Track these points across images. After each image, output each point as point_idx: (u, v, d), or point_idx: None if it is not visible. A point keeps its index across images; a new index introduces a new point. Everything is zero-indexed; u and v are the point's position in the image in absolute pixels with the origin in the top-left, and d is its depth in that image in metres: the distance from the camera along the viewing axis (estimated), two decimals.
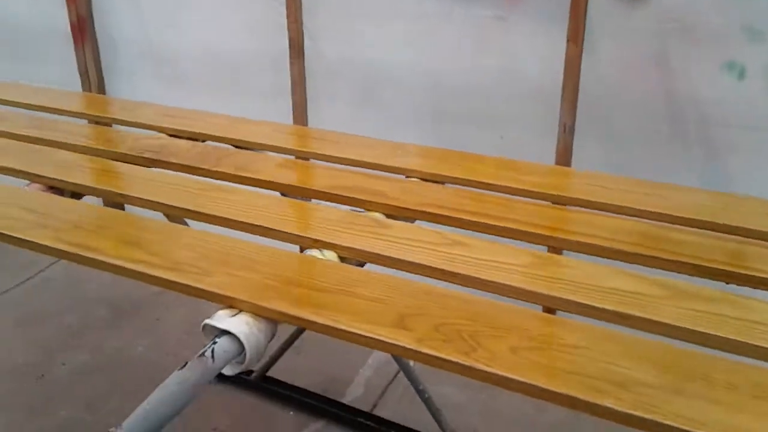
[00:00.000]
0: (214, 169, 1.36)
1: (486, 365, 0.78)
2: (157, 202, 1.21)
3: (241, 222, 1.14)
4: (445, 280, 1.00)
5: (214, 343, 0.87)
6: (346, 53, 2.46)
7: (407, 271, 1.02)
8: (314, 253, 1.06)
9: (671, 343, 0.83)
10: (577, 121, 2.13)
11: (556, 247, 1.14)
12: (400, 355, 0.88)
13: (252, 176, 1.33)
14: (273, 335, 0.93)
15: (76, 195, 1.31)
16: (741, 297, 0.93)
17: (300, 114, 2.59)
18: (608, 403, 0.71)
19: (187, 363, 0.86)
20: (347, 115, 2.54)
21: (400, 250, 1.04)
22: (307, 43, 2.50)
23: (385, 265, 1.04)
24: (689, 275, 1.03)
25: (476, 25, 2.22)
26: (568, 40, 2.06)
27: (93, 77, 2.98)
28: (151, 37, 2.84)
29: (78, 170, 1.35)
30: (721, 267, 1.01)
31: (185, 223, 1.23)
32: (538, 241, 1.12)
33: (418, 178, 1.37)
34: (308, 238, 1.08)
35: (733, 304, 0.91)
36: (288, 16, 2.46)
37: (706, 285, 0.98)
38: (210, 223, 1.17)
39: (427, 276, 1.01)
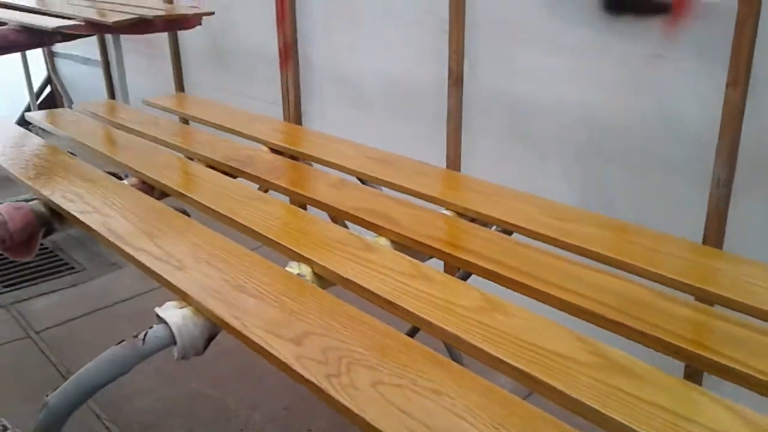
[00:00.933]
0: (267, 178, 1.50)
1: (344, 397, 0.79)
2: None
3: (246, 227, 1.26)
4: (389, 311, 1.00)
5: (151, 328, 0.99)
6: (502, 84, 2.46)
7: (358, 294, 1.04)
8: (292, 267, 1.13)
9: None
10: (736, 175, 1.89)
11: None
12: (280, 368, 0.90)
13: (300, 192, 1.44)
14: (213, 334, 1.02)
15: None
16: (684, 383, 0.80)
17: (453, 144, 2.65)
18: None
19: (123, 341, 0.99)
20: (496, 148, 2.53)
21: (369, 276, 1.07)
22: (466, 71, 2.55)
23: (345, 287, 1.07)
24: None
25: (634, 62, 2.09)
26: (727, 85, 1.85)
27: (292, 96, 3.35)
28: (339, 62, 3.11)
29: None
30: None
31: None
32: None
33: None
34: (293, 250, 1.16)
35: (672, 392, 0.79)
36: (450, 45, 2.54)
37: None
38: (231, 226, 1.31)
39: (375, 303, 1.02)
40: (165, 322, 0.99)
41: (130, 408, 2.28)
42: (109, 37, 3.92)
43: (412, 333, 0.99)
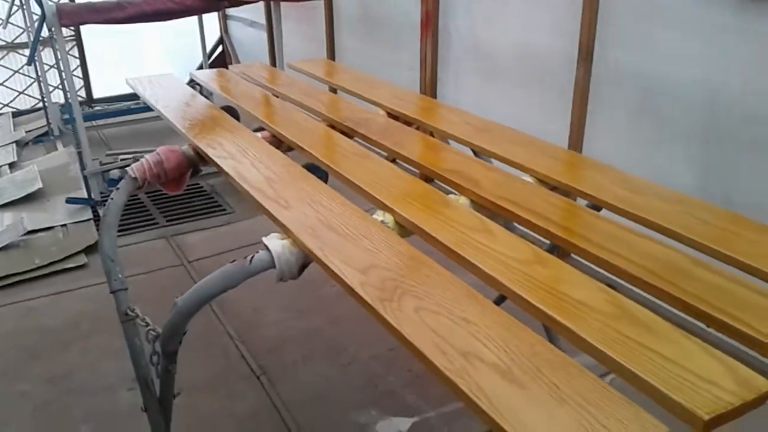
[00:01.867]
0: (395, 148, 1.69)
1: (390, 316, 0.97)
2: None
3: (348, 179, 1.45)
4: (451, 258, 1.16)
5: (257, 252, 1.22)
6: (633, 63, 2.47)
7: (426, 241, 1.21)
8: (378, 215, 1.32)
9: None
10: None
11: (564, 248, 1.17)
12: (347, 291, 1.08)
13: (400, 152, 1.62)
14: (306, 263, 1.23)
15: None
16: (688, 337, 0.89)
17: (577, 117, 2.69)
18: None
19: (235, 260, 1.23)
20: (623, 126, 2.55)
21: (444, 230, 1.23)
22: (597, 49, 2.58)
23: (419, 235, 1.24)
24: None
25: None
26: None
27: (428, 66, 3.51)
28: (476, 33, 3.23)
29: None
30: None
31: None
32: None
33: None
34: (381, 201, 1.34)
35: (674, 343, 0.89)
36: (582, 21, 2.58)
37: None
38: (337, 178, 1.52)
39: (448, 256, 1.18)
40: (268, 249, 1.22)
41: (259, 334, 2.61)
42: (271, 2, 4.26)
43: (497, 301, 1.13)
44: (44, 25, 3.29)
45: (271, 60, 5.29)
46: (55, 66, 3.75)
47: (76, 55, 5.54)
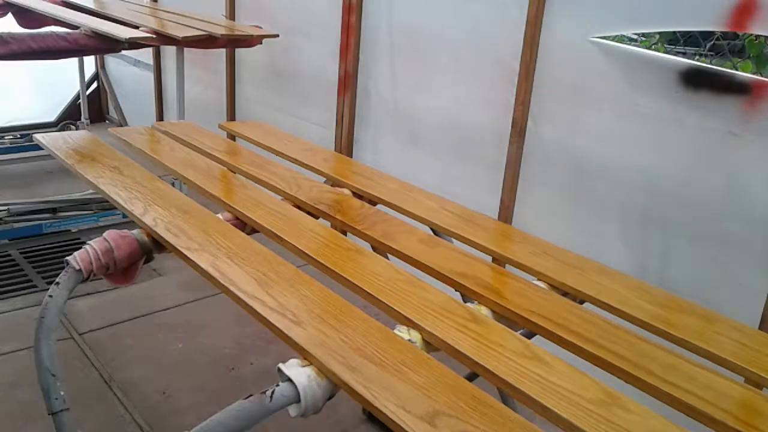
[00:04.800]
0: (359, 228, 1.53)
1: None
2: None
3: (354, 284, 1.27)
4: (510, 394, 1.02)
5: (277, 385, 1.01)
6: (565, 140, 2.48)
7: (480, 373, 1.06)
8: (402, 331, 1.15)
9: None
10: None
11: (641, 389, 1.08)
12: None
13: (394, 247, 1.46)
14: (333, 394, 1.04)
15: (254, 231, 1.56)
16: None
17: (508, 192, 2.67)
18: None
19: (251, 395, 1.01)
20: (556, 203, 2.55)
21: (480, 351, 1.09)
22: (529, 124, 2.58)
23: (463, 363, 1.09)
24: None
25: (707, 138, 2.11)
26: None
27: (345, 125, 3.38)
28: (398, 96, 3.15)
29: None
30: None
31: None
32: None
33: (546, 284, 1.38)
34: (402, 314, 1.18)
35: None
36: (517, 97, 2.57)
37: None
38: (338, 282, 1.33)
39: (497, 385, 1.04)
40: (290, 380, 1.01)
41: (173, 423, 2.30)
42: (167, 48, 3.96)
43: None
44: None
45: (158, 106, 4.93)
46: None
47: None
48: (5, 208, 3.19)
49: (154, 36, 3.09)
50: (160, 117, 4.96)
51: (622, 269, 1.54)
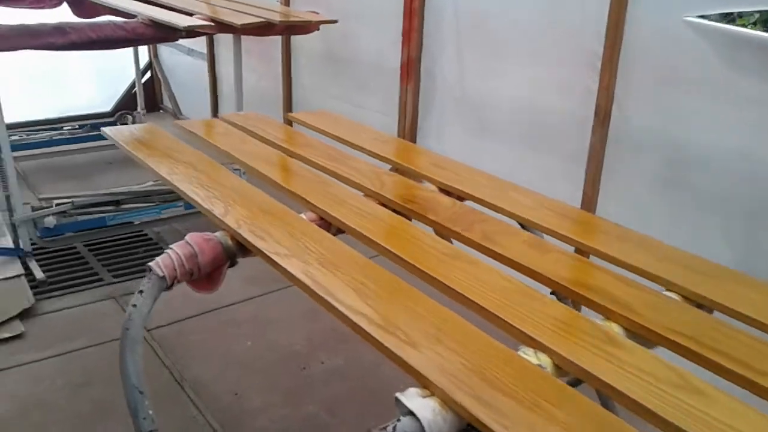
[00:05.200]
0: (463, 233, 1.38)
1: None
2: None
3: (465, 297, 1.13)
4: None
5: (398, 420, 0.88)
6: (656, 127, 2.29)
7: (627, 407, 0.91)
8: (528, 354, 1.01)
9: None
10: None
11: None
12: None
13: (497, 251, 1.32)
14: (460, 429, 0.91)
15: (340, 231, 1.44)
16: None
17: (591, 183, 2.49)
18: None
19: (371, 430, 0.88)
20: (645, 195, 2.37)
21: (626, 380, 0.94)
22: (614, 111, 2.40)
23: (607, 394, 0.94)
24: None
25: None
26: None
27: (409, 113, 3.24)
28: (467, 83, 2.98)
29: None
30: None
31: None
32: None
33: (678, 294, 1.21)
34: (525, 334, 1.04)
35: None
36: (600, 82, 2.39)
37: None
38: (443, 292, 1.19)
39: (654, 425, 0.89)
40: (411, 413, 0.88)
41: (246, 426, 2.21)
42: (221, 36, 3.85)
43: None
44: None
45: (212, 95, 4.85)
46: None
47: None
48: (69, 200, 3.14)
49: (212, 24, 2.98)
50: (215, 106, 4.89)
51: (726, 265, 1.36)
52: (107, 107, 5.39)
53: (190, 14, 3.46)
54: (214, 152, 1.87)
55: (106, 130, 1.90)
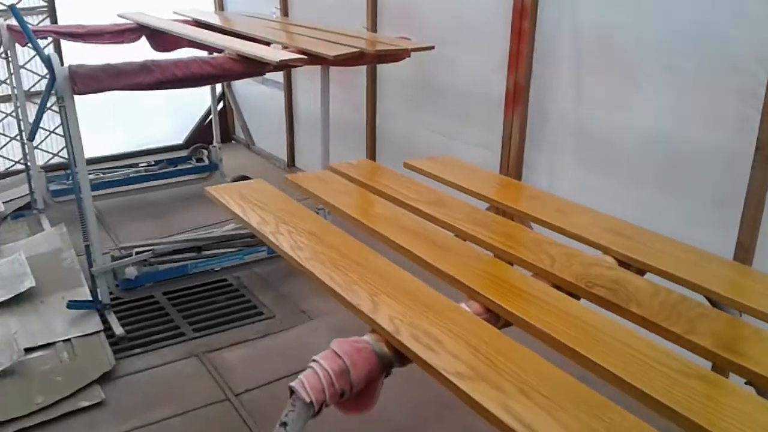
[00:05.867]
0: (686, 337, 1.05)
1: None
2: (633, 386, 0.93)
3: None
4: None
5: None
6: None
7: None
8: None
9: None
10: None
11: None
12: None
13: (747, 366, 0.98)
14: None
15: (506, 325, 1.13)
16: None
17: (749, 230, 2.13)
18: None
19: None
20: None
21: None
22: None
23: None
24: None
25: None
26: None
27: (514, 146, 2.92)
28: (584, 113, 2.65)
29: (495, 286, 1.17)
30: None
31: None
32: None
33: None
34: None
35: None
36: (764, 113, 2.03)
37: None
38: None
39: None
40: None
41: None
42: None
43: None
44: (52, 90, 2.57)
45: (288, 125, 4.64)
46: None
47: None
48: (150, 248, 2.93)
49: (304, 57, 2.74)
50: (291, 137, 4.67)
51: None
52: (179, 139, 5.26)
53: (268, 44, 3.26)
54: (338, 215, 1.59)
55: (211, 192, 1.64)
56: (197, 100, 4.97)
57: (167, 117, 5.43)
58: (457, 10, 3.12)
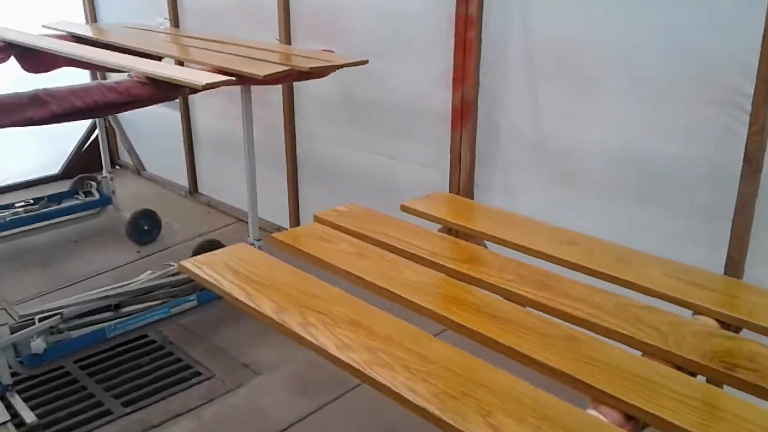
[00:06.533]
0: None
1: None
2: None
3: None
4: None
5: None
6: None
7: None
8: None
9: None
10: None
11: None
12: None
13: None
14: None
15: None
16: None
17: (738, 244, 2.05)
18: None
19: None
20: None
21: None
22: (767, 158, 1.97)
23: None
24: None
25: None
26: None
27: (465, 164, 2.72)
28: (542, 126, 2.49)
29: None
30: None
31: None
32: None
33: None
34: None
35: None
36: (751, 124, 1.95)
37: None
38: None
39: None
40: None
41: None
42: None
43: None
44: None
45: (187, 146, 4.18)
46: None
47: None
48: (57, 313, 2.44)
49: (233, 78, 2.37)
50: (192, 161, 4.21)
51: None
52: (53, 168, 4.61)
53: (160, 58, 2.85)
54: (369, 288, 1.27)
55: (188, 266, 1.27)
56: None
57: (34, 142, 4.74)
58: (386, 21, 2.88)
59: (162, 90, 2.41)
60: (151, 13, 4.00)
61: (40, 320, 2.42)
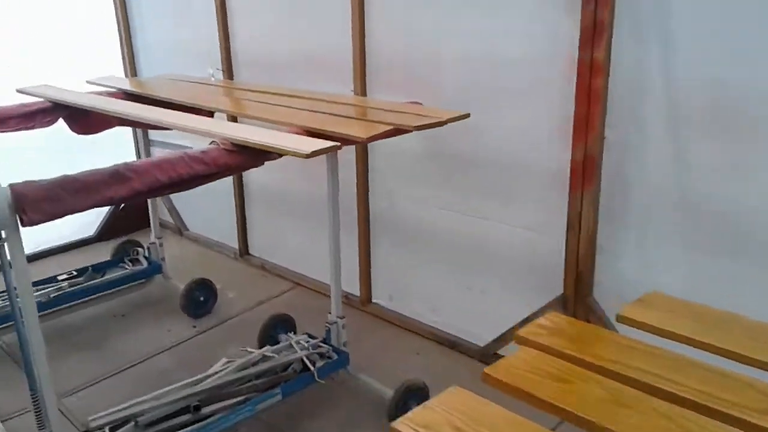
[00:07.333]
0: None
1: None
2: None
3: None
4: None
5: None
6: None
7: None
8: None
9: None
10: None
11: None
12: None
13: None
14: None
15: None
16: None
17: None
18: None
19: None
20: None
21: None
22: None
23: None
24: None
25: None
26: None
27: (588, 225, 2.36)
28: (690, 184, 2.14)
29: None
30: None
31: None
32: None
33: None
34: None
35: None
36: None
37: None
38: None
39: None
40: None
41: None
42: None
43: None
44: None
45: (239, 206, 3.84)
46: None
47: None
48: (131, 418, 2.06)
49: (338, 144, 2.03)
50: (243, 220, 3.86)
51: None
52: (86, 231, 4.25)
53: (212, 114, 2.53)
54: None
55: (397, 429, 0.90)
56: None
57: None
58: (483, 69, 2.55)
59: (251, 158, 2.08)
60: (197, 64, 3.69)
61: (112, 430, 2.04)
